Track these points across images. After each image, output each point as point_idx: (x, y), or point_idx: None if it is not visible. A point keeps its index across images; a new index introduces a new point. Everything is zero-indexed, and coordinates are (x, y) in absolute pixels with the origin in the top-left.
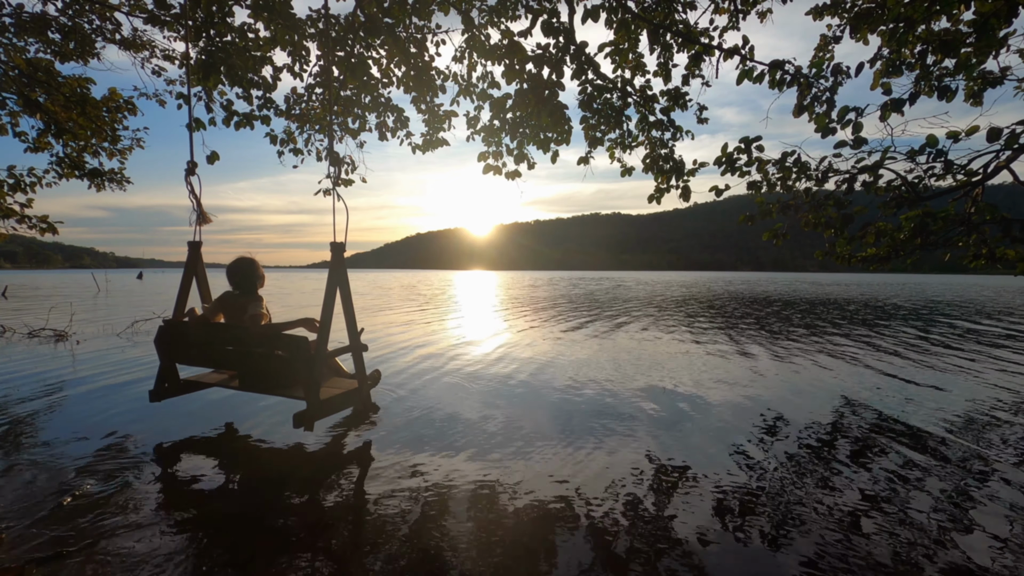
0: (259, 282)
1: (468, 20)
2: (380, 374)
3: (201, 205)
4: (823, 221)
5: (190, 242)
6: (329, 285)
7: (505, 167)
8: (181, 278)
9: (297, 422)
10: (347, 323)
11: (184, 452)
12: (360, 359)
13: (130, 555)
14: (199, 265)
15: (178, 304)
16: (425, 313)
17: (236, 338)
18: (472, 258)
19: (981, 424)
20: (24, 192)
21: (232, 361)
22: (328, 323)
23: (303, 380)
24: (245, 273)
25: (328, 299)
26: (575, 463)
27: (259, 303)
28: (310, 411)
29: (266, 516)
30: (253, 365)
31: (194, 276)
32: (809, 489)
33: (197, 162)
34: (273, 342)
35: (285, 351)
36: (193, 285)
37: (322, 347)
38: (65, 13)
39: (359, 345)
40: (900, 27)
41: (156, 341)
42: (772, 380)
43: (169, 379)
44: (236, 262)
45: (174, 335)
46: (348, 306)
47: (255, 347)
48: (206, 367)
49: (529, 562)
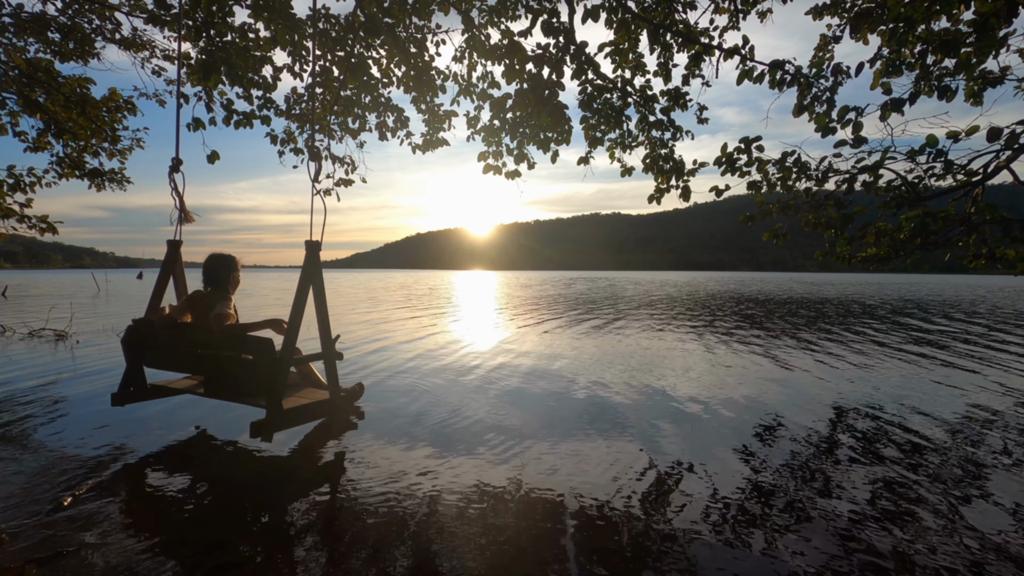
0: (230, 281)
1: (468, 20)
2: (363, 388)
3: (184, 204)
4: (823, 221)
5: (170, 240)
6: (301, 285)
7: (505, 167)
8: (157, 277)
9: (254, 431)
10: (320, 328)
11: (185, 452)
12: (333, 368)
13: (130, 555)
14: (178, 264)
15: (151, 303)
16: (423, 313)
17: (200, 339)
18: (472, 258)
19: (981, 423)
20: (24, 192)
21: (197, 365)
22: (297, 325)
23: (264, 386)
24: (214, 268)
25: (299, 300)
26: (573, 462)
27: (226, 302)
28: (269, 420)
29: (267, 517)
30: (216, 369)
31: (171, 275)
32: (809, 488)
33: (182, 159)
34: (238, 344)
35: (249, 354)
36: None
37: (288, 350)
38: (65, 13)
39: (333, 353)
40: (900, 27)
41: (123, 342)
42: (772, 379)
43: (135, 383)
44: (209, 257)
45: (142, 336)
46: (322, 309)
47: (220, 349)
48: (173, 371)
49: (527, 562)
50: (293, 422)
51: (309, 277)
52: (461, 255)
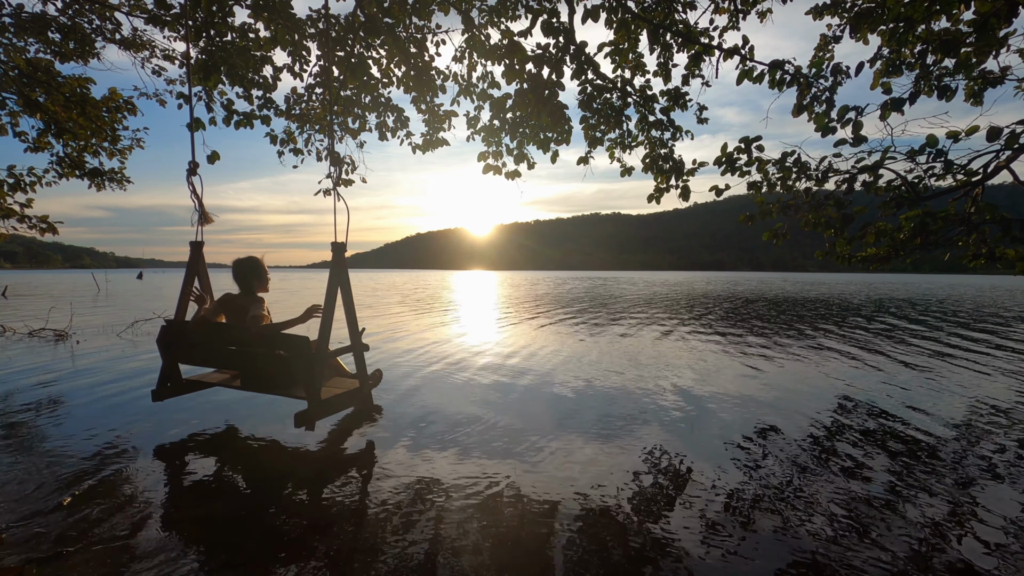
0: (259, 283)
1: (468, 20)
2: (381, 374)
3: (203, 205)
4: (823, 221)
5: (192, 242)
6: (330, 285)
7: (505, 167)
8: (183, 278)
9: (298, 422)
10: (348, 323)
11: (185, 452)
12: (361, 359)
13: (130, 555)
14: (201, 265)
15: (180, 304)
16: (424, 313)
17: (237, 338)
18: (472, 258)
19: (980, 423)
20: (24, 192)
21: (233, 361)
22: (329, 323)
23: (304, 380)
24: (244, 274)
25: (329, 299)
26: (578, 463)
27: (260, 304)
28: (311, 411)
29: (267, 516)
30: (254, 365)
31: (196, 276)
32: (809, 488)
33: (199, 162)
34: (273, 342)
35: (286, 351)
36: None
37: (323, 346)
38: (65, 13)
39: (360, 345)
40: (900, 27)
41: (158, 341)
42: (770, 378)
43: (172, 379)
44: (237, 262)
45: (176, 335)
46: (349, 306)
47: (256, 347)
48: (208, 367)
49: (531, 562)
50: (330, 411)
51: (337, 276)
52: (461, 255)
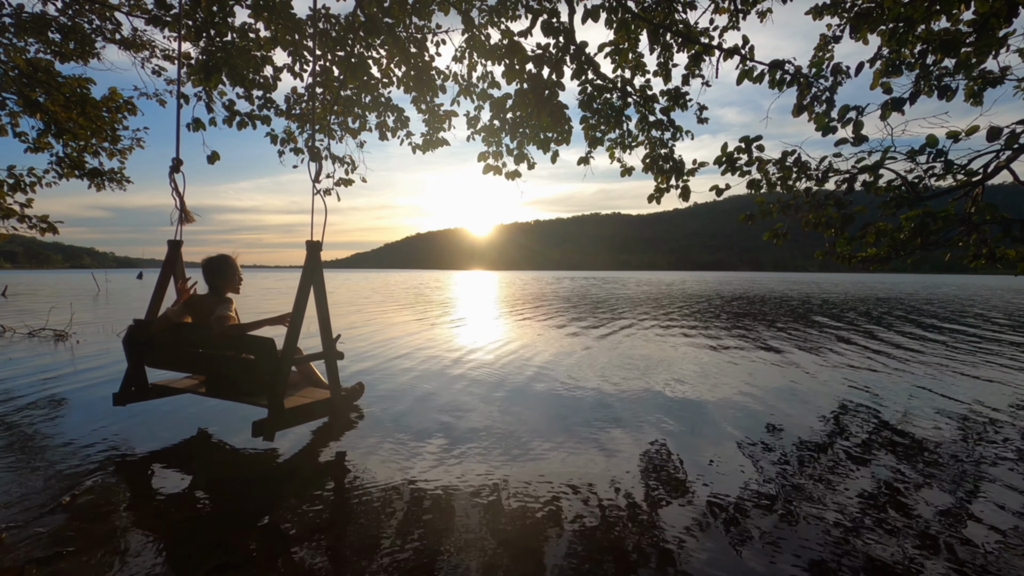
0: (224, 284)
1: (468, 20)
2: (363, 387)
3: (184, 204)
4: (823, 221)
5: (170, 240)
6: (302, 285)
7: (505, 167)
8: (158, 277)
9: (256, 431)
10: (321, 328)
11: (185, 452)
12: (334, 367)
13: (129, 555)
14: (179, 264)
15: (152, 304)
16: (422, 313)
17: (201, 340)
18: (472, 258)
19: (980, 422)
20: (24, 192)
21: (199, 365)
22: (298, 325)
23: (266, 385)
24: (212, 273)
25: (300, 300)
26: (573, 463)
27: (227, 305)
28: (271, 420)
29: (267, 516)
30: (218, 369)
31: (172, 275)
32: (809, 489)
33: (183, 159)
34: (239, 344)
35: (249, 353)
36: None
37: (289, 350)
38: (65, 13)
39: (334, 352)
40: (900, 27)
41: (124, 342)
42: (771, 378)
43: (136, 383)
44: (205, 261)
45: (143, 337)
46: (323, 310)
47: (221, 349)
48: (174, 371)
49: (527, 562)
50: (294, 421)
51: (310, 277)
52: (461, 255)
